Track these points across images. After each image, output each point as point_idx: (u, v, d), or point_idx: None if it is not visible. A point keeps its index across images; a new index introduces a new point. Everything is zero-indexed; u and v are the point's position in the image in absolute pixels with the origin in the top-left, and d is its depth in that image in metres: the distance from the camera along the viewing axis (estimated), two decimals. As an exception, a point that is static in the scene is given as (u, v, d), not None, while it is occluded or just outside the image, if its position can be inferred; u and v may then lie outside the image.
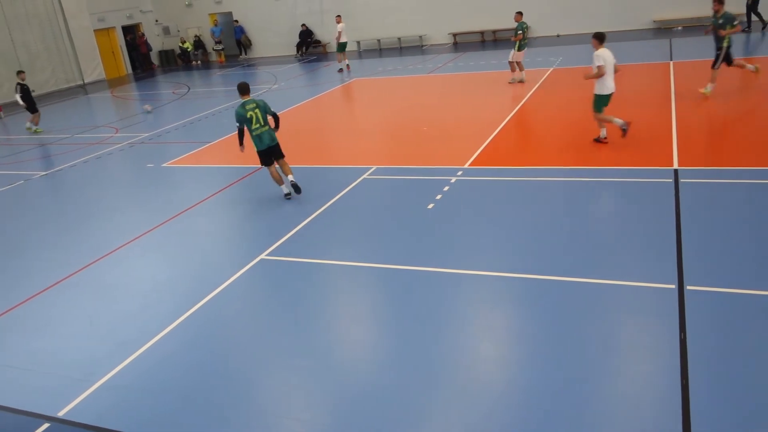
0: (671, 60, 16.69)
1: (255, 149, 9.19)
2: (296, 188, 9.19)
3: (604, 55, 9.92)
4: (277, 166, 9.35)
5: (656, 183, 8.22)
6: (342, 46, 21.54)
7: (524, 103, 13.79)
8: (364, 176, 9.87)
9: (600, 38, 10.08)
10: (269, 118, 9.19)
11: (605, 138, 10.29)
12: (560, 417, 4.33)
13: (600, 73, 9.87)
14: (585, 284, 5.99)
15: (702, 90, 12.36)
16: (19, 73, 17.46)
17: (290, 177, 9.23)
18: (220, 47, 29.85)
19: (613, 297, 5.74)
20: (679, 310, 5.36)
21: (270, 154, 9.21)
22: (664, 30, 22.49)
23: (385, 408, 4.64)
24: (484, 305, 6.03)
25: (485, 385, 4.84)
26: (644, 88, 14.09)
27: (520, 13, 16.04)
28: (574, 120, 11.95)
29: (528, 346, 5.24)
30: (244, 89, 9.17)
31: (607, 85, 10.03)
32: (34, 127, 17.14)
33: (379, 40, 26.82)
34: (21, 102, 16.86)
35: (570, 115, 12.31)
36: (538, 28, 24.67)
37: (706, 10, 21.52)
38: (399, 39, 26.42)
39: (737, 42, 18.04)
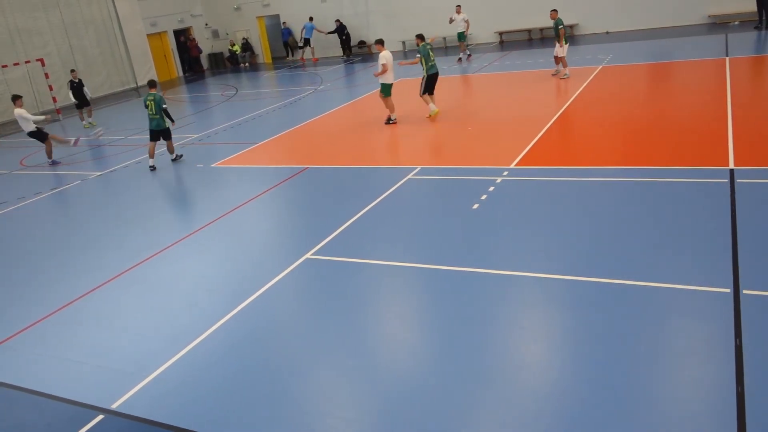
0: (727, 56, 16.13)
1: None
2: (178, 157, 13.14)
3: (387, 56, 13.17)
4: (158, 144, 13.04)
5: (711, 183, 7.95)
6: (461, 36, 21.93)
7: (572, 101, 13.54)
8: (409, 176, 9.87)
9: (381, 43, 13.56)
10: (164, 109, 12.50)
11: (395, 120, 13.62)
12: (610, 422, 4.23)
13: (384, 71, 13.15)
14: (636, 287, 5.84)
15: (427, 116, 13.70)
16: (71, 71, 19.45)
17: (172, 155, 13.09)
18: (302, 45, 27.83)
19: (666, 301, 5.58)
20: (734, 315, 5.17)
21: (156, 135, 12.71)
22: (719, 25, 21.74)
23: (430, 408, 4.63)
24: (531, 307, 5.94)
25: (532, 388, 4.77)
26: (699, 85, 13.66)
27: (555, 11, 16.12)
28: (622, 119, 11.67)
29: (576, 349, 5.14)
30: (152, 84, 12.86)
31: (389, 77, 13.34)
32: (87, 120, 19.04)
33: (424, 40, 26.76)
34: (71, 98, 19.04)
35: (619, 114, 12.03)
36: (587, 24, 24.22)
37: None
38: (444, 39, 26.30)
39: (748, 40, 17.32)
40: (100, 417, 5.05)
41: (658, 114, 11.74)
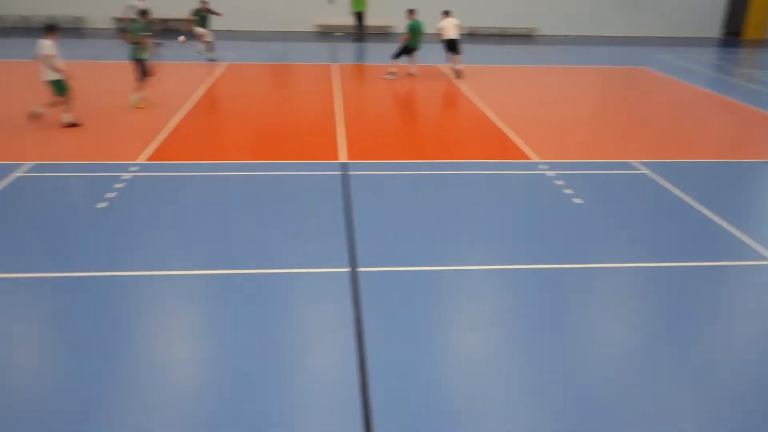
0: (334, 62, 18.23)
1: None
2: None
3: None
4: None
5: (327, 176, 8.89)
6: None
7: (200, 96, 13.54)
8: (17, 174, 8.56)
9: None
10: None
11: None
12: (243, 400, 4.40)
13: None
14: (274, 275, 6.20)
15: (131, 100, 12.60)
16: None
17: None
18: None
19: (296, 284, 6.07)
20: (353, 291, 5.90)
21: None
22: (325, 34, 24.37)
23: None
24: (178, 305, 5.79)
25: (183, 392, 4.66)
26: (314, 86, 15.07)
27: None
28: (250, 115, 12.19)
29: (226, 341, 5.21)
30: None
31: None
32: None
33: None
34: None
35: (246, 111, 12.53)
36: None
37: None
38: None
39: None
40: None
41: (280, 111, 12.60)
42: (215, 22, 18.09)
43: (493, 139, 11.00)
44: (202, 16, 17.63)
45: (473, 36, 24.32)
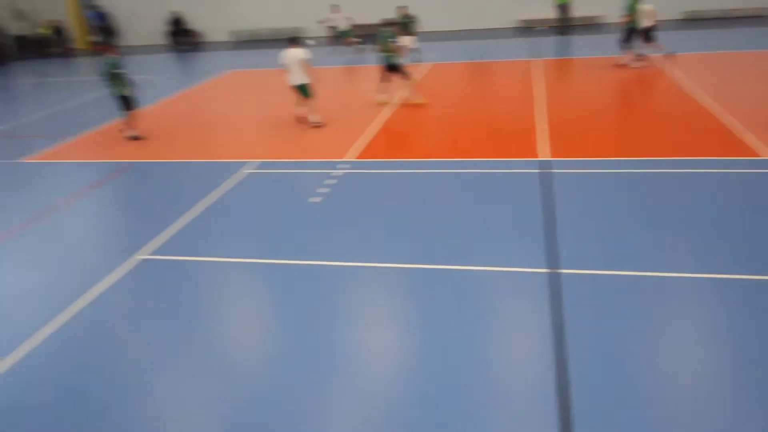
0: (537, 57, 17.81)
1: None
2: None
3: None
4: None
5: (526, 174, 8.75)
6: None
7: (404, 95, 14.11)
8: (248, 171, 9.67)
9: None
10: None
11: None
12: (453, 395, 4.52)
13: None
14: (469, 271, 6.29)
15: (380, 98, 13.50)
16: None
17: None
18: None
19: (497, 282, 6.09)
20: (552, 292, 5.76)
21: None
22: (527, 29, 23.87)
23: (282, 410, 4.62)
24: (380, 296, 6.14)
25: (387, 378, 4.95)
26: (514, 82, 14.89)
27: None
28: (451, 114, 12.41)
29: (423, 335, 5.42)
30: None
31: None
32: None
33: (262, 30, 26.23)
34: None
35: (447, 109, 12.79)
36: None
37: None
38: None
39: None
40: None
41: (480, 109, 12.65)
42: (420, 24, 18.64)
43: (715, 134, 9.95)
44: (404, 22, 18.06)
45: (691, 21, 22.16)
